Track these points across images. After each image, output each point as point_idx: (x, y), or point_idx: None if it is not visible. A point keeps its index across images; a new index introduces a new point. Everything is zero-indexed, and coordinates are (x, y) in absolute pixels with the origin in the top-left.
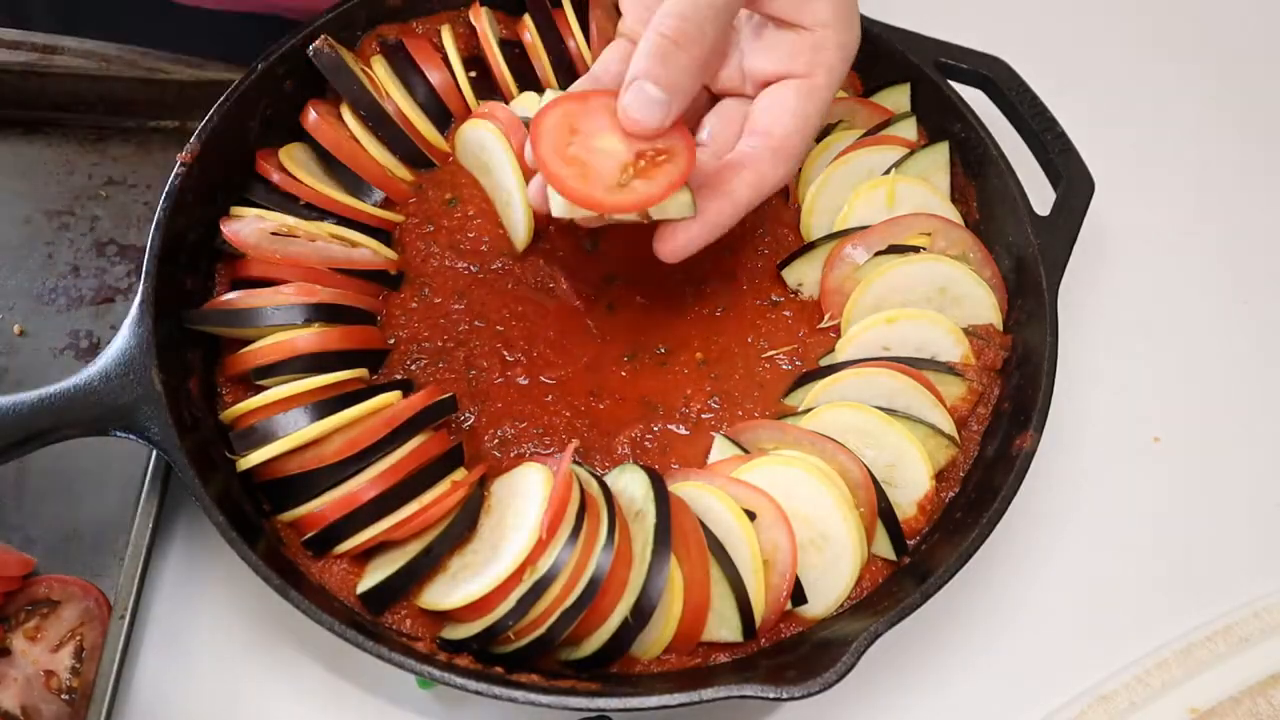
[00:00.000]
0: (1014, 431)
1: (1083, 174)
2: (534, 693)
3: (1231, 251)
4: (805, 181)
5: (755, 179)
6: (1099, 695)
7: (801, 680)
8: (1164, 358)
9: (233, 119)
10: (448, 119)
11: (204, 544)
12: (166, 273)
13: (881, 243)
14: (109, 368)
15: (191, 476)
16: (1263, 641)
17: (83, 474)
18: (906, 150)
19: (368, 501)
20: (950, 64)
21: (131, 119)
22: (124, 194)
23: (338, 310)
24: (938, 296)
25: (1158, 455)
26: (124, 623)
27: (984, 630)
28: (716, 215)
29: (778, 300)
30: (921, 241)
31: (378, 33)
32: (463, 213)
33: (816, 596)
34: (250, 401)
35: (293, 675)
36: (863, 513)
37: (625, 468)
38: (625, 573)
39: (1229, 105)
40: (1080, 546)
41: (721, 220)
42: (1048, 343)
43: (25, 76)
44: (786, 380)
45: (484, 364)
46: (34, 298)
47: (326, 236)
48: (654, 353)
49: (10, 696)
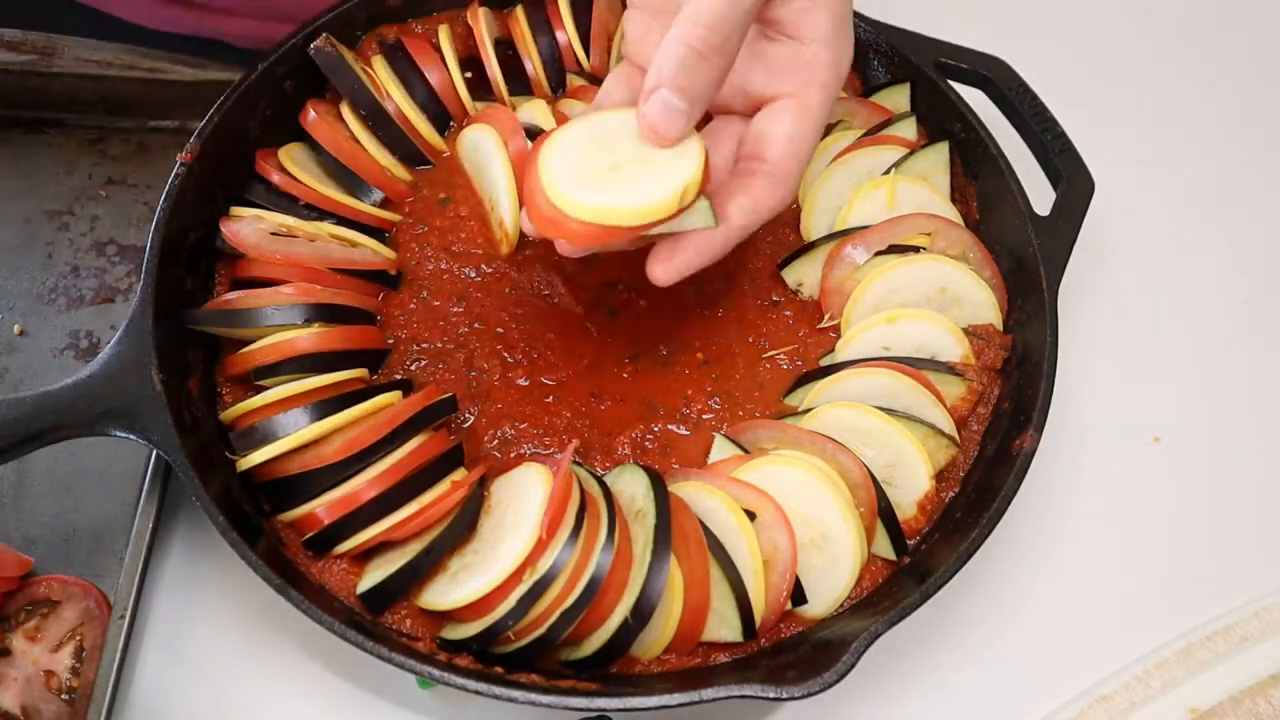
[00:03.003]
0: (1014, 431)
1: (1083, 174)
2: (534, 693)
3: (1232, 251)
4: (805, 181)
5: (751, 204)
6: (1099, 695)
7: (801, 680)
8: (1164, 358)
9: (233, 119)
10: (446, 119)
11: (204, 544)
12: (166, 273)
13: (881, 243)
14: (109, 368)
15: (191, 476)
16: (1263, 641)
17: (83, 474)
18: (906, 150)
19: (368, 502)
20: (950, 64)
21: (131, 119)
22: (124, 194)
23: (337, 310)
24: (938, 296)
25: (1158, 455)
26: (124, 623)
27: (984, 630)
28: (709, 241)
29: (778, 300)
30: (921, 241)
31: (377, 33)
32: (455, 213)
33: (816, 596)
34: (250, 401)
35: (293, 675)
36: (863, 513)
37: (625, 468)
38: (625, 573)
39: (1229, 105)
40: (1080, 546)
41: (715, 245)
42: (1048, 343)
43: (25, 76)
44: (787, 380)
45: (484, 365)
46: (34, 298)
47: (326, 236)
48: (655, 354)
49: (10, 696)
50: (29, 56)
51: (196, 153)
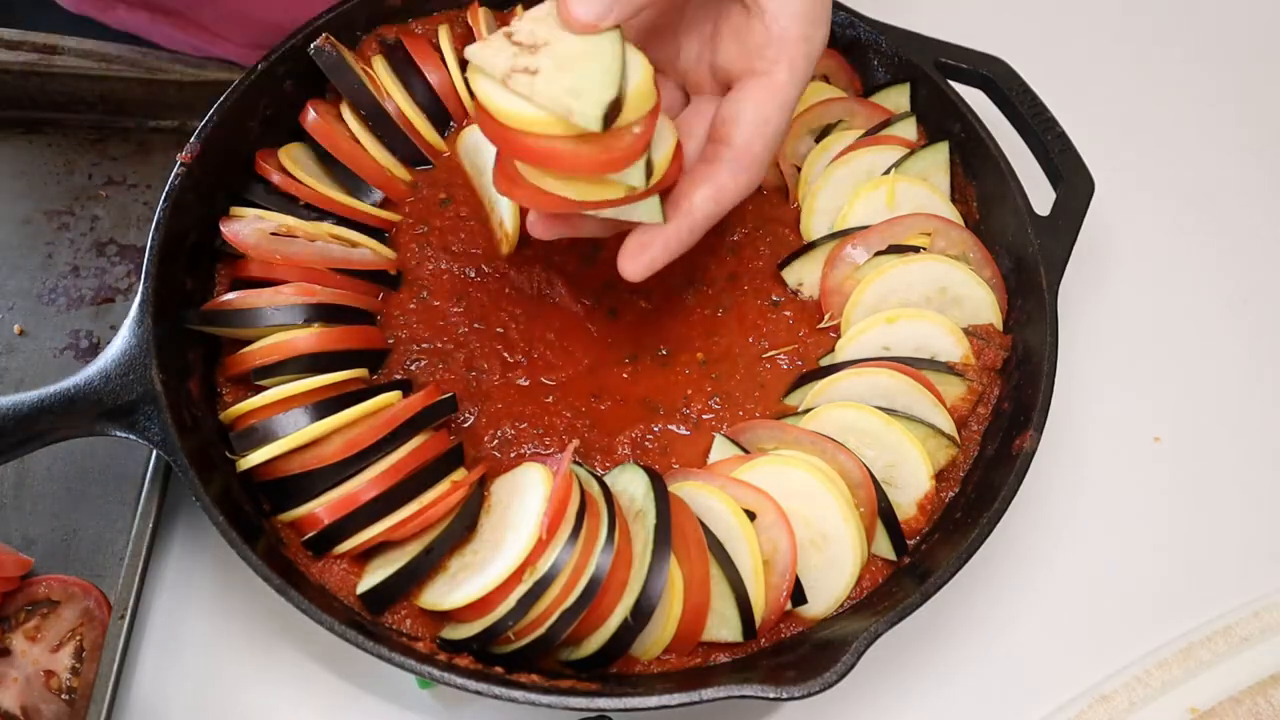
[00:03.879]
0: (1014, 431)
1: (1083, 174)
2: (534, 693)
3: (1232, 251)
4: (805, 181)
5: (713, 193)
6: (1099, 695)
7: (801, 680)
8: (1164, 357)
9: (233, 119)
10: (446, 119)
11: (204, 544)
12: (166, 273)
13: (881, 243)
14: (109, 368)
15: (191, 476)
16: (1263, 641)
17: (83, 474)
18: (906, 150)
19: (368, 502)
20: (950, 64)
21: (131, 119)
22: (124, 194)
23: (337, 310)
24: (938, 296)
25: (1158, 455)
26: (124, 623)
27: (984, 630)
28: (675, 232)
29: (778, 300)
30: (921, 241)
31: (377, 33)
32: (455, 213)
33: (816, 596)
34: (250, 401)
35: (293, 675)
36: (863, 513)
37: (625, 468)
38: (625, 573)
39: (1229, 105)
40: (1080, 546)
41: (681, 237)
42: (1048, 343)
43: (25, 76)
44: (787, 380)
45: (484, 365)
46: (34, 298)
47: (326, 236)
48: (655, 354)
49: (10, 696)
50: (29, 56)
51: (196, 153)
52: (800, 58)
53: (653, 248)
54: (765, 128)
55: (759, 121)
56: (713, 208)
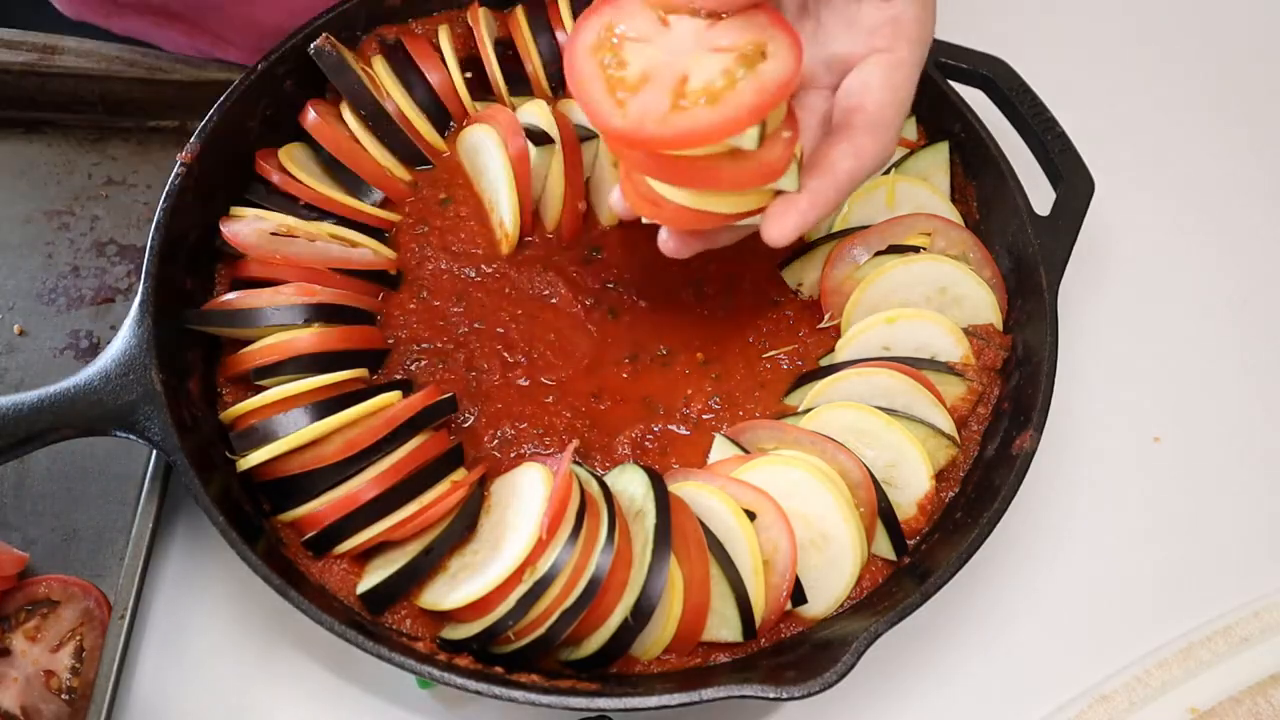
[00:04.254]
0: (1014, 431)
1: (1083, 174)
2: (534, 693)
3: (1232, 251)
4: None
5: (854, 150)
6: (1099, 695)
7: (801, 680)
8: (1164, 357)
9: (233, 119)
10: (446, 119)
11: (204, 544)
12: (166, 273)
13: (881, 243)
14: (109, 368)
15: (191, 476)
16: (1263, 641)
17: (83, 474)
18: (906, 150)
19: (368, 502)
20: (950, 64)
21: (131, 119)
22: (124, 194)
23: (337, 310)
24: (938, 296)
25: (1158, 455)
26: (124, 623)
27: (984, 630)
28: (819, 191)
29: (778, 300)
30: (921, 241)
31: (377, 33)
32: (455, 213)
33: (816, 596)
34: (250, 402)
35: (293, 675)
36: (863, 513)
37: (625, 468)
38: (625, 573)
39: (1229, 105)
40: (1080, 546)
41: (827, 196)
42: (1048, 343)
43: (25, 76)
44: (787, 380)
45: (484, 365)
46: (34, 298)
47: (326, 236)
48: (655, 354)
49: (10, 696)
50: (29, 56)
51: (196, 153)
52: (919, 37)
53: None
54: (896, 94)
55: (890, 88)
56: (854, 163)
